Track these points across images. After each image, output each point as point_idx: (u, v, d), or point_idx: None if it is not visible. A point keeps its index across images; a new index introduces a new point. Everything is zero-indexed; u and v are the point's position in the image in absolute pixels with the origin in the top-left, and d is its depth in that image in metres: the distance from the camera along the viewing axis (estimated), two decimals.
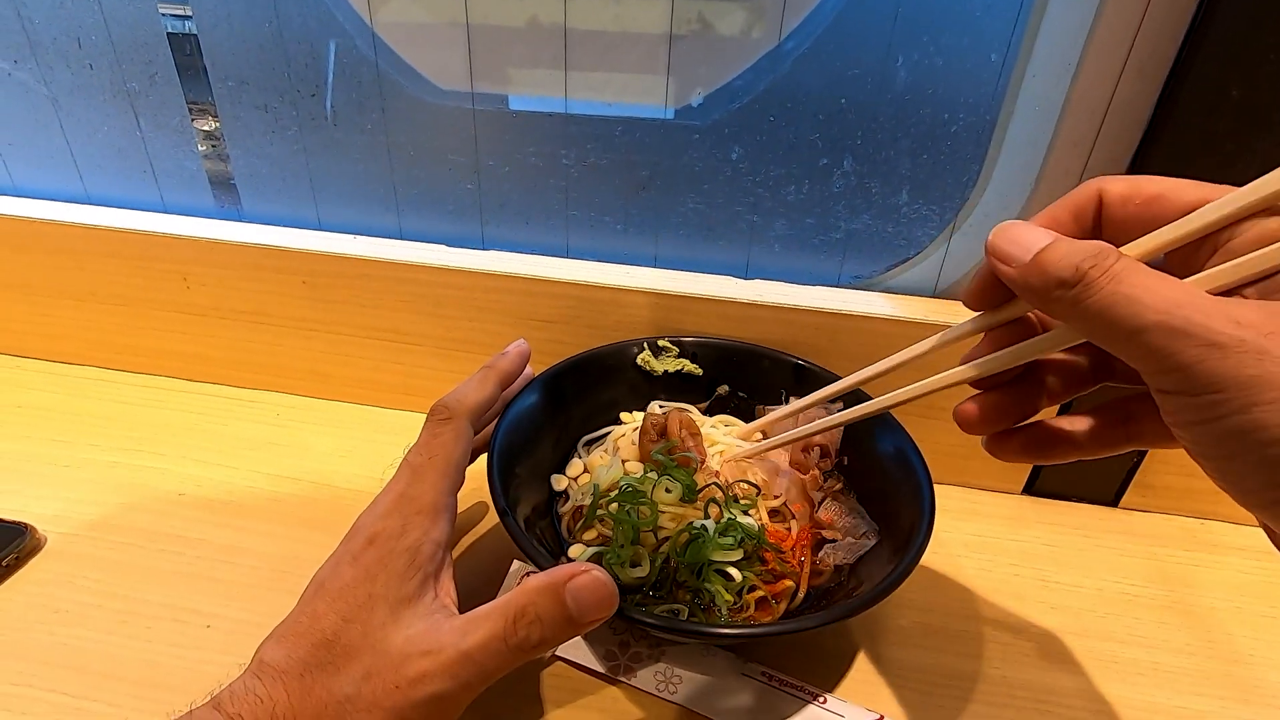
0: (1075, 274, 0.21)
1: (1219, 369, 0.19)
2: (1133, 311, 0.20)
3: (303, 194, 0.51)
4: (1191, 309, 0.19)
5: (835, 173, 0.45)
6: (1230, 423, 0.19)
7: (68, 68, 0.49)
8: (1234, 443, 0.19)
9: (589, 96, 0.45)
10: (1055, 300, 0.22)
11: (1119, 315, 0.20)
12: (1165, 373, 0.20)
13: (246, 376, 0.55)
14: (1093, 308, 0.21)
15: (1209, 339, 0.19)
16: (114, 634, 0.37)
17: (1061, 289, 0.22)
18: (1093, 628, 0.41)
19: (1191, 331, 0.19)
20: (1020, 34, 0.40)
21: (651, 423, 0.41)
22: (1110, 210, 0.24)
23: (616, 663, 0.36)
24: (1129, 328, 0.20)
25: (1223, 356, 0.19)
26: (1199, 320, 0.19)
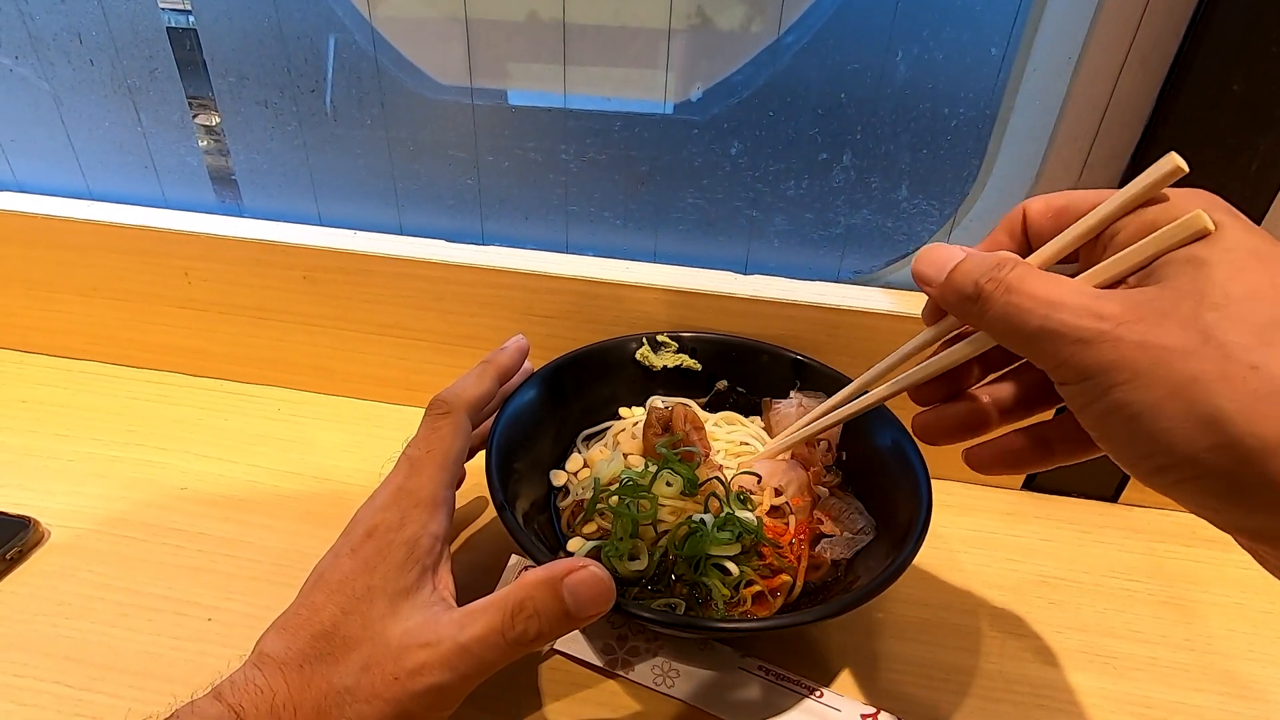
0: (974, 289, 0.24)
1: (1085, 359, 0.21)
2: (1021, 319, 0.23)
3: (303, 189, 0.51)
4: (1062, 310, 0.22)
5: (835, 168, 0.45)
6: (1102, 404, 0.21)
7: (69, 63, 0.49)
8: (1109, 421, 0.22)
9: (588, 91, 0.45)
10: (967, 314, 0.25)
11: (1012, 324, 0.23)
12: (1054, 369, 0.23)
13: (248, 371, 0.55)
14: (993, 320, 0.24)
15: (1076, 335, 0.21)
16: (116, 626, 0.38)
17: (968, 303, 0.24)
18: (1091, 623, 0.41)
19: (1063, 331, 0.22)
20: (1021, 28, 0.40)
21: (656, 416, 0.41)
22: (1031, 225, 0.27)
23: (614, 656, 0.36)
24: (1023, 334, 0.23)
25: (1086, 348, 0.21)
26: (1068, 320, 0.22)
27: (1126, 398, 0.21)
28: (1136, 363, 0.20)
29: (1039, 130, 0.42)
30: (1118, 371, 0.21)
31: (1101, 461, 0.50)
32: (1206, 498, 0.21)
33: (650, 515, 0.36)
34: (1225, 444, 0.19)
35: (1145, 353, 0.20)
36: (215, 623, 0.38)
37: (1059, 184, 0.43)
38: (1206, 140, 0.38)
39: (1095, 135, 0.41)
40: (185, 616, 0.38)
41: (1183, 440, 0.20)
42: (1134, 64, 0.39)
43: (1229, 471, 0.20)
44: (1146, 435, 0.20)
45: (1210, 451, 0.20)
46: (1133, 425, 0.21)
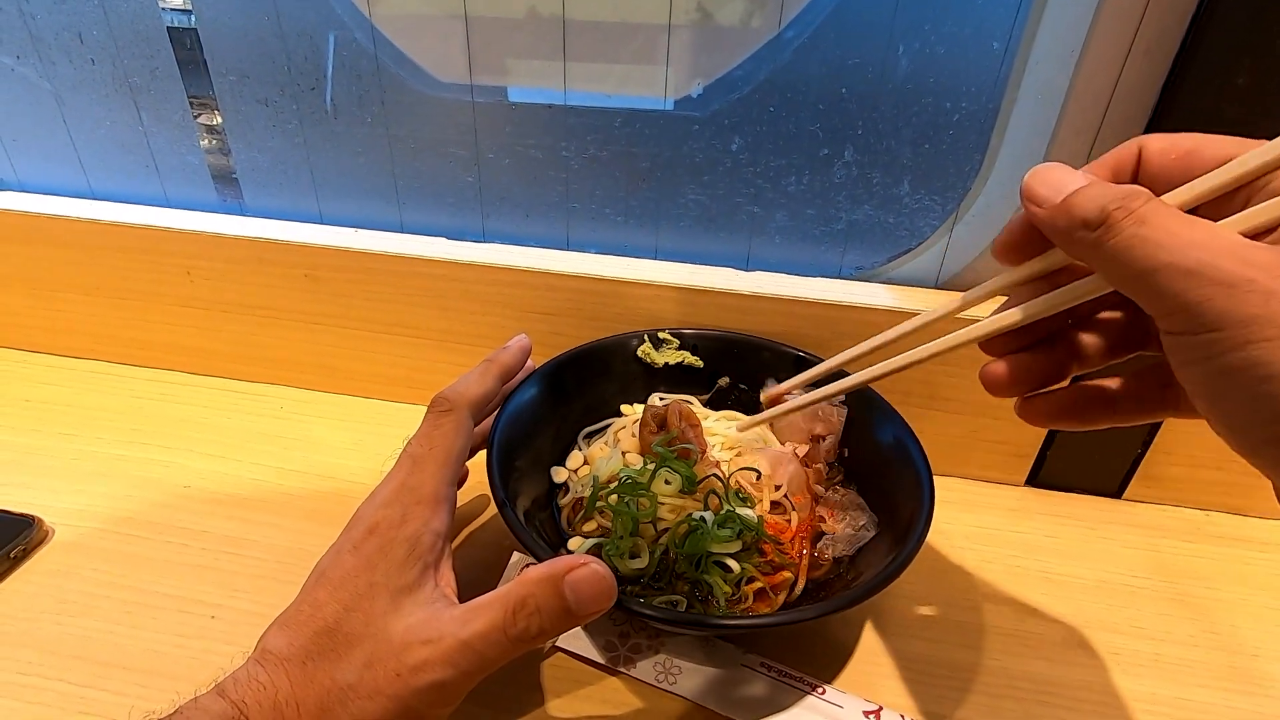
0: (1100, 214, 0.21)
1: (1223, 307, 0.19)
2: (1148, 252, 0.20)
3: (304, 187, 0.51)
4: (1204, 249, 0.20)
5: (836, 163, 0.45)
6: (1227, 360, 0.19)
7: (70, 63, 0.49)
8: (1228, 380, 0.20)
9: (588, 88, 0.45)
10: (1079, 242, 0.22)
11: (1136, 256, 0.21)
12: (1173, 313, 0.20)
13: (251, 370, 0.55)
14: (1113, 249, 0.21)
15: (1217, 278, 0.19)
16: (120, 624, 0.38)
17: (1085, 229, 0.22)
18: (1095, 619, 0.40)
19: (1201, 271, 0.19)
20: (1023, 20, 0.40)
21: (651, 414, 0.41)
22: (1149, 165, 0.24)
23: (616, 653, 0.36)
24: (1144, 267, 0.20)
25: (1228, 295, 0.19)
26: (1209, 260, 0.19)
27: (1265, 356, 0.19)
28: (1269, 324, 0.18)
29: (1042, 124, 0.42)
30: (1262, 326, 0.19)
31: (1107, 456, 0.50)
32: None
33: (650, 514, 0.36)
34: None
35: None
36: (219, 620, 0.38)
37: None
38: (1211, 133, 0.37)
39: (1099, 129, 0.41)
40: (189, 614, 0.39)
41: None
42: (1138, 56, 0.39)
43: None
44: (1276, 400, 0.19)
45: None
46: (1261, 387, 0.19)
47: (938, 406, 0.47)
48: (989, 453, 0.48)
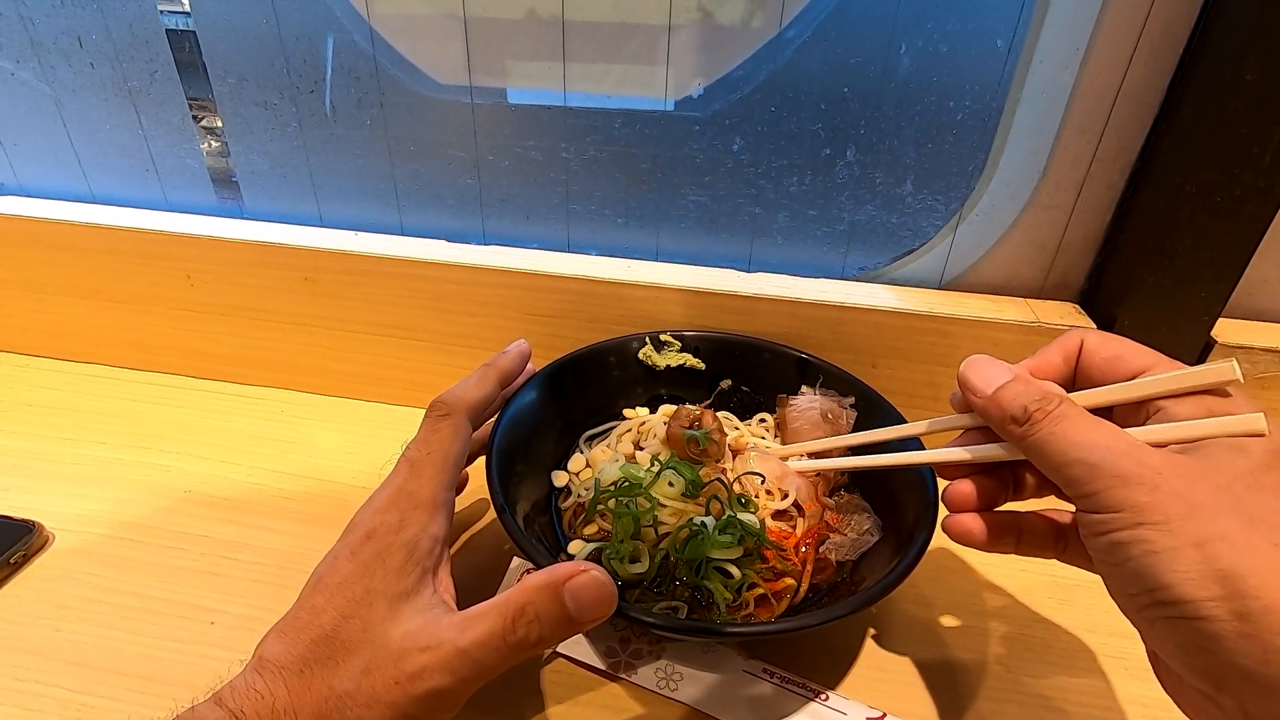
0: (1023, 413, 0.27)
1: (1119, 495, 0.23)
2: (1061, 448, 0.25)
3: (304, 190, 0.51)
4: (1106, 450, 0.24)
5: (838, 163, 0.45)
6: (1121, 536, 0.23)
7: (69, 67, 0.49)
8: (1121, 551, 0.23)
9: (588, 89, 0.45)
10: (1008, 432, 0.27)
11: (1051, 450, 0.25)
12: (1080, 497, 0.25)
13: (250, 373, 0.55)
14: (1034, 443, 0.26)
15: (1115, 472, 0.24)
16: (118, 630, 0.38)
17: (1013, 424, 0.27)
18: (1100, 624, 0.40)
19: (1104, 466, 0.24)
20: (1027, 18, 0.39)
21: (685, 413, 0.41)
22: (1084, 359, 0.29)
23: (617, 659, 0.36)
24: (1058, 460, 0.25)
25: (1123, 485, 0.23)
26: (1110, 459, 0.24)
27: (1151, 536, 0.23)
28: (1169, 509, 0.23)
29: (1046, 123, 0.41)
30: (1150, 512, 0.23)
31: None
32: (1188, 640, 0.23)
33: (649, 515, 0.36)
34: (1230, 596, 0.21)
35: (1179, 503, 0.23)
36: (217, 626, 0.38)
37: (1067, 177, 0.42)
38: (1218, 130, 0.37)
39: (1104, 127, 0.41)
40: (187, 620, 0.38)
41: (1191, 586, 0.22)
42: (1144, 53, 0.38)
43: (1223, 622, 0.21)
44: (1157, 573, 0.22)
45: (1214, 601, 0.22)
46: (1147, 561, 0.23)
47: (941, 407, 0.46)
48: None
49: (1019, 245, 0.45)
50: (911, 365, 0.45)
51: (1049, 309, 0.44)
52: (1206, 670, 0.23)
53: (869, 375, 0.44)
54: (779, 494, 0.38)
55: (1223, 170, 0.37)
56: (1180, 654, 0.23)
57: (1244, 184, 0.37)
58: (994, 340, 0.44)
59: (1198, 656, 0.23)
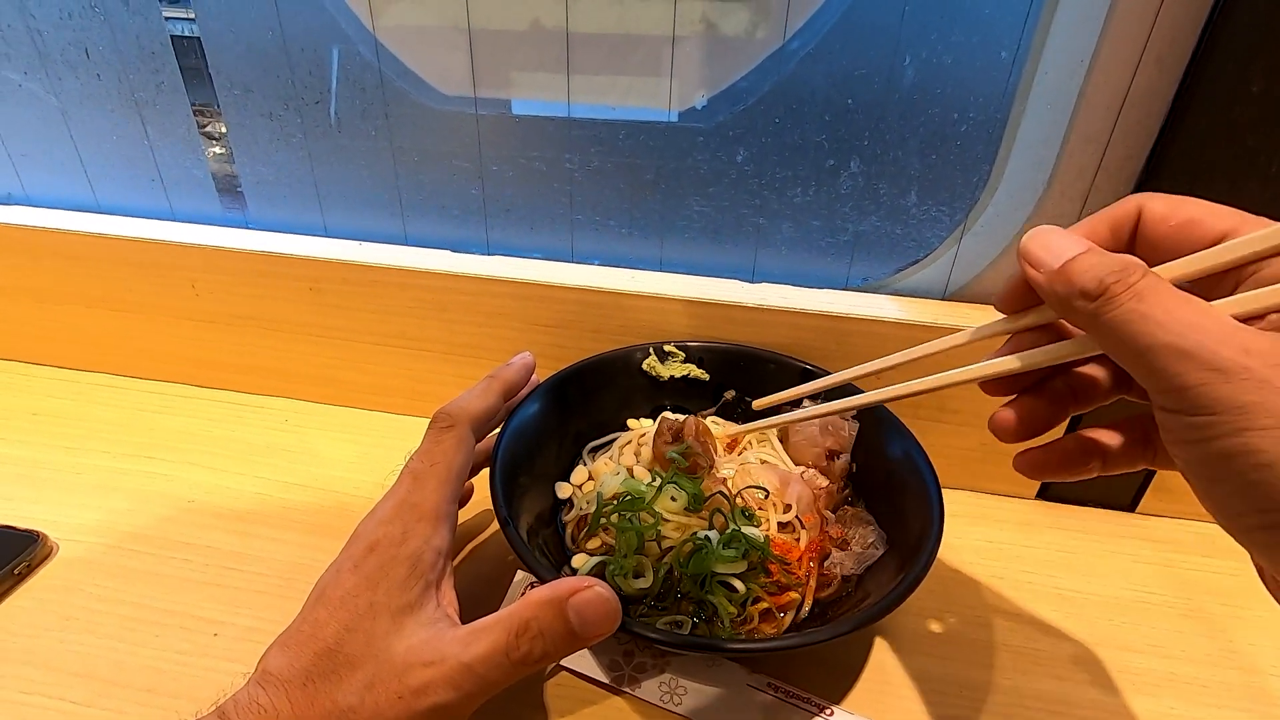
0: (1098, 286, 0.22)
1: (1219, 393, 0.19)
2: (1146, 330, 0.20)
3: (308, 200, 0.51)
4: (1203, 333, 0.20)
5: (843, 174, 0.45)
6: (1222, 445, 0.19)
7: (76, 78, 0.49)
8: (1222, 465, 0.20)
9: (592, 100, 0.45)
10: (1077, 310, 0.22)
11: (1133, 332, 0.21)
12: (1168, 392, 0.20)
13: (254, 382, 0.55)
14: (1110, 322, 0.21)
15: (1215, 364, 0.19)
16: (122, 641, 0.38)
17: (1084, 299, 0.22)
18: (1108, 636, 0.40)
19: (1199, 355, 0.20)
20: (1032, 29, 0.39)
21: (666, 425, 0.41)
22: (1147, 228, 0.24)
23: (621, 673, 0.36)
24: (1141, 345, 0.21)
25: (1224, 380, 0.19)
26: (1208, 345, 0.19)
27: (1259, 444, 0.19)
28: (1278, 409, 0.19)
29: (1051, 134, 0.41)
30: (1255, 414, 0.19)
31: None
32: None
33: (653, 529, 0.35)
34: None
35: None
36: (221, 637, 0.38)
37: (1072, 188, 0.42)
38: (1225, 141, 0.37)
39: (1109, 138, 0.41)
40: (191, 631, 0.38)
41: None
42: (1149, 64, 0.38)
43: None
44: (1269, 487, 0.19)
45: None
46: (1255, 474, 0.19)
47: (946, 419, 0.46)
48: (999, 465, 0.48)
49: None
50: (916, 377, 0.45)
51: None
52: None
53: (873, 387, 0.43)
54: (781, 506, 0.38)
55: (1230, 181, 0.37)
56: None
57: (1251, 195, 0.37)
58: None
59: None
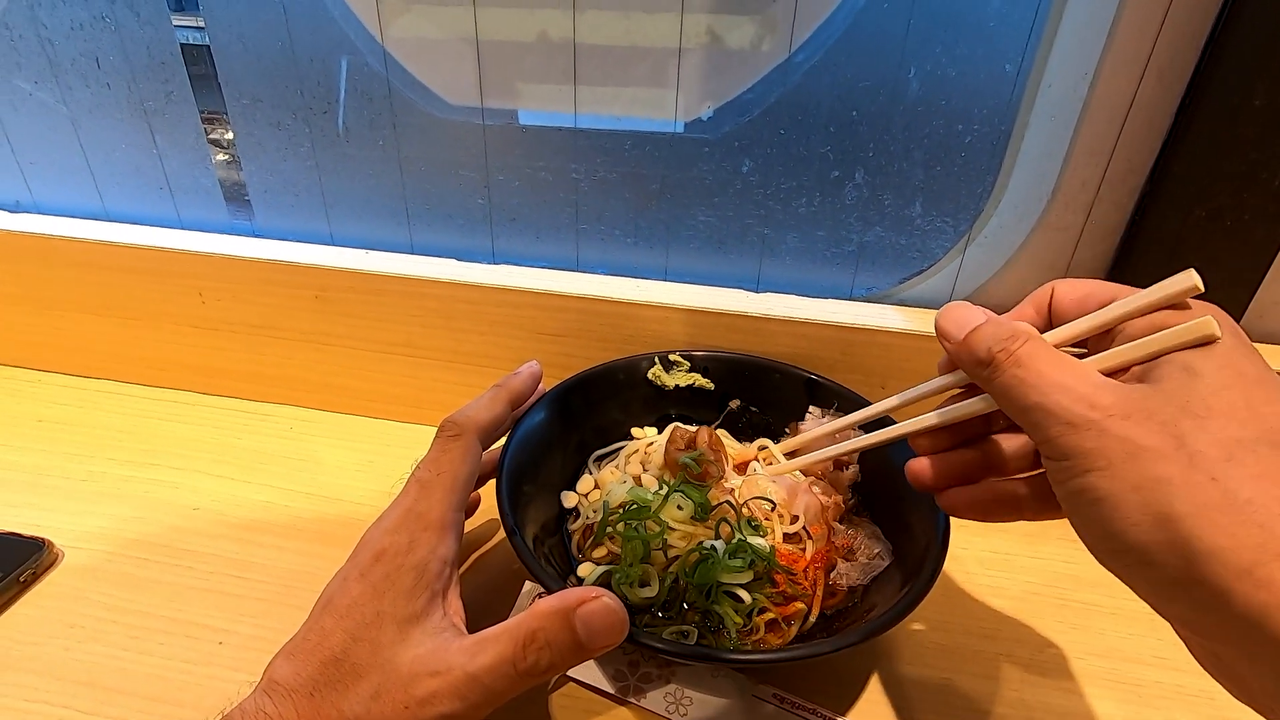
0: (988, 355, 0.26)
1: (1070, 442, 0.23)
2: (1023, 392, 0.25)
3: (315, 209, 0.52)
4: (1062, 392, 0.24)
5: (847, 185, 0.45)
6: (1073, 485, 0.23)
7: (87, 87, 0.50)
8: (1075, 501, 0.23)
9: (599, 111, 0.45)
10: (977, 376, 0.27)
11: (1014, 395, 0.25)
12: (1041, 443, 0.24)
13: (260, 389, 0.55)
14: (999, 386, 0.26)
15: (1067, 418, 0.23)
16: (127, 649, 0.38)
17: (979, 367, 0.26)
18: (1115, 649, 0.40)
19: (1057, 411, 0.24)
20: (1036, 43, 0.40)
21: (680, 433, 0.41)
22: (1056, 304, 0.29)
23: (626, 683, 0.36)
24: (1020, 405, 0.25)
25: (1074, 431, 0.23)
26: (1063, 403, 0.24)
27: (1097, 483, 0.22)
28: (1113, 453, 0.22)
29: (1055, 146, 0.41)
30: (1095, 458, 0.22)
31: None
32: (1153, 587, 0.23)
33: (658, 539, 0.35)
34: (1174, 542, 0.21)
35: (1123, 446, 0.22)
36: (226, 645, 0.38)
37: (1076, 200, 0.43)
38: (1227, 154, 0.37)
39: (1113, 151, 0.41)
40: (196, 639, 0.38)
41: (1137, 532, 0.22)
42: (1151, 77, 0.39)
43: (1174, 567, 0.21)
44: (1107, 521, 0.22)
45: (1160, 547, 0.21)
46: (1097, 509, 0.23)
47: None
48: None
49: (1028, 267, 0.45)
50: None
51: None
52: (1181, 618, 0.23)
53: (878, 396, 0.43)
54: (788, 516, 0.38)
55: (1232, 194, 0.37)
56: (1157, 603, 0.23)
57: (1253, 208, 0.38)
58: None
59: (1169, 605, 0.23)
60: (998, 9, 0.39)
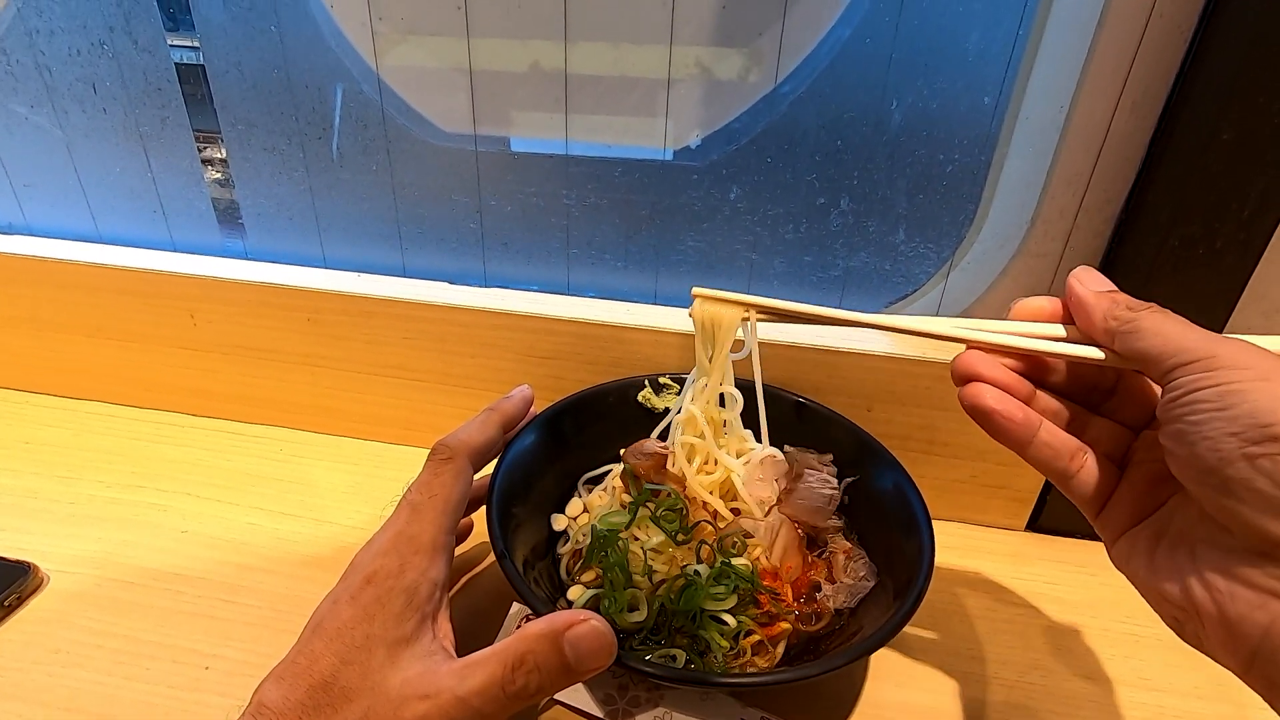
0: (1137, 304, 0.28)
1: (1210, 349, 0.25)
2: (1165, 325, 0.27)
3: (309, 232, 0.52)
4: (1205, 335, 0.26)
5: (833, 212, 0.46)
6: (1208, 390, 0.24)
7: (83, 112, 0.50)
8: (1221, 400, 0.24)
9: (589, 139, 0.46)
10: (1116, 317, 0.28)
11: (1160, 331, 0.27)
12: (1175, 354, 0.26)
13: (251, 411, 0.55)
14: (1143, 324, 0.27)
15: (1210, 351, 0.25)
16: (112, 675, 0.37)
17: (1127, 309, 0.28)
18: (1098, 670, 0.40)
19: (1201, 345, 0.25)
20: (1013, 77, 0.41)
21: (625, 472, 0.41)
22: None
23: (615, 707, 0.36)
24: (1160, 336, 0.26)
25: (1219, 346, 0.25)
26: (1208, 340, 0.25)
27: (1245, 380, 0.24)
28: (1253, 362, 0.24)
29: (1033, 175, 0.43)
30: (1242, 363, 0.24)
31: None
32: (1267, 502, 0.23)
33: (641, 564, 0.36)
34: None
35: (1262, 361, 0.24)
36: (212, 670, 0.38)
37: (1055, 228, 0.44)
38: (1198, 186, 0.38)
39: (1089, 181, 0.42)
40: (183, 664, 0.38)
41: None
42: (1125, 111, 0.40)
43: None
44: (1250, 415, 0.23)
45: None
46: (1236, 408, 0.24)
47: (937, 451, 0.47)
48: (989, 498, 0.48)
49: (1010, 292, 0.46)
50: (907, 409, 0.46)
51: None
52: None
53: (864, 419, 0.44)
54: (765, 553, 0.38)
55: (1203, 224, 0.39)
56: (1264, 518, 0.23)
57: (1224, 237, 0.39)
58: None
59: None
60: (976, 44, 0.40)
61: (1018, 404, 0.30)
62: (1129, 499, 0.29)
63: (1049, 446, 0.29)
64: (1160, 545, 0.27)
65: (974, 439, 0.46)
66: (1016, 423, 0.29)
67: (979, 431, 0.30)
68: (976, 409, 0.30)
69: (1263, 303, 0.43)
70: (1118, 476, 0.30)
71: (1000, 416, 0.29)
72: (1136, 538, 0.28)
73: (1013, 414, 0.29)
